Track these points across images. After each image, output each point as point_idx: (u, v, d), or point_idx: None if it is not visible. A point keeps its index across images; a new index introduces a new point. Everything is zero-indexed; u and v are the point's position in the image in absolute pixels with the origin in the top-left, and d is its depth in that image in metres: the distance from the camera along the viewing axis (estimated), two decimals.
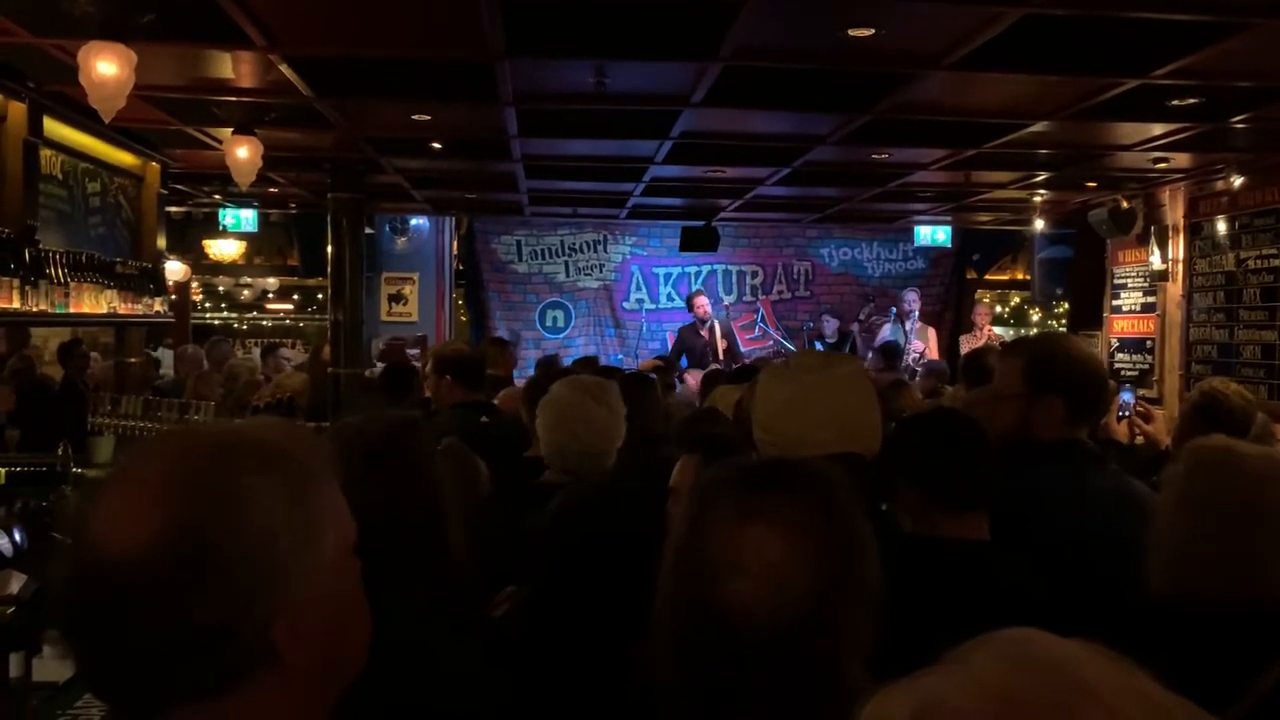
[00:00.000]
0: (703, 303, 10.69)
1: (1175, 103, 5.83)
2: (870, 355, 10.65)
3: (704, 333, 10.38)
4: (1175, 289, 8.86)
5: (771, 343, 11.60)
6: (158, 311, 6.87)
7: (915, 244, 12.27)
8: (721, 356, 10.11)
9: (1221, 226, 8.20)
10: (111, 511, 0.92)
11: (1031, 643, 0.63)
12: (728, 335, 10.57)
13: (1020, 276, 13.69)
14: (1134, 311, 9.53)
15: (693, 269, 12.99)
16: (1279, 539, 1.93)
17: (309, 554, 0.95)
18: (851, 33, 4.64)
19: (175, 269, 9.78)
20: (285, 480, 0.96)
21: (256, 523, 0.92)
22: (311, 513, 0.97)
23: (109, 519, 0.92)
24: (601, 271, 13.02)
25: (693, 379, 8.79)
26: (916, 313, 11.13)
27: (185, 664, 0.90)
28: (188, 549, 0.89)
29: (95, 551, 0.90)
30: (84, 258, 5.74)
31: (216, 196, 10.06)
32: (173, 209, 9.77)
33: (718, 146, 7.30)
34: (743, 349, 11.52)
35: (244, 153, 6.33)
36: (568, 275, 12.99)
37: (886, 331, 10.90)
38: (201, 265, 12.02)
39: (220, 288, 13.73)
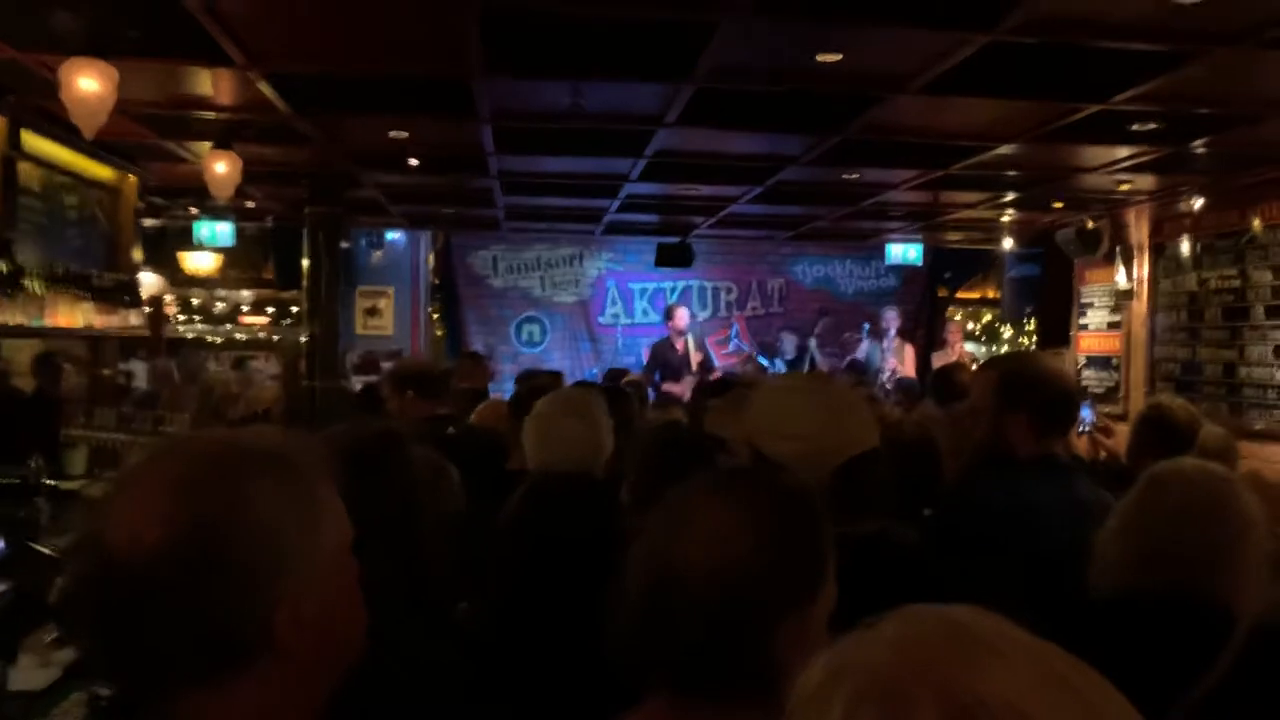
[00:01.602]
0: (682, 314, 10.75)
1: (1137, 127, 5.98)
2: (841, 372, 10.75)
3: (679, 345, 10.45)
4: (1140, 307, 9.03)
5: (744, 356, 11.68)
6: (133, 324, 6.89)
7: (887, 262, 12.41)
8: (695, 369, 10.18)
9: (1184, 247, 8.38)
10: (126, 514, 0.99)
11: (928, 607, 0.72)
12: (702, 348, 10.64)
13: (991, 294, 13.87)
14: (1100, 329, 9.69)
15: (668, 284, 13.07)
16: (1208, 538, 2.03)
17: (309, 548, 1.03)
18: (820, 58, 4.76)
19: (150, 282, 9.75)
20: (286, 481, 1.04)
21: (262, 520, 1.00)
22: (311, 511, 1.05)
23: (123, 522, 0.99)
24: (577, 286, 13.09)
25: (679, 388, 8.91)
26: (894, 330, 11.23)
27: (196, 653, 0.98)
28: (200, 547, 0.97)
29: (112, 553, 0.97)
30: (61, 270, 5.76)
31: (193, 210, 10.06)
32: (148, 222, 9.76)
33: (692, 165, 7.40)
34: (718, 363, 11.60)
35: (222, 168, 6.37)
36: (544, 290, 13.05)
37: (864, 348, 11.00)
38: (177, 279, 11.99)
39: (195, 300, 13.67)
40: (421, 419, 4.50)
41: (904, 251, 12.04)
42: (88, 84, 4.39)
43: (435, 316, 13.61)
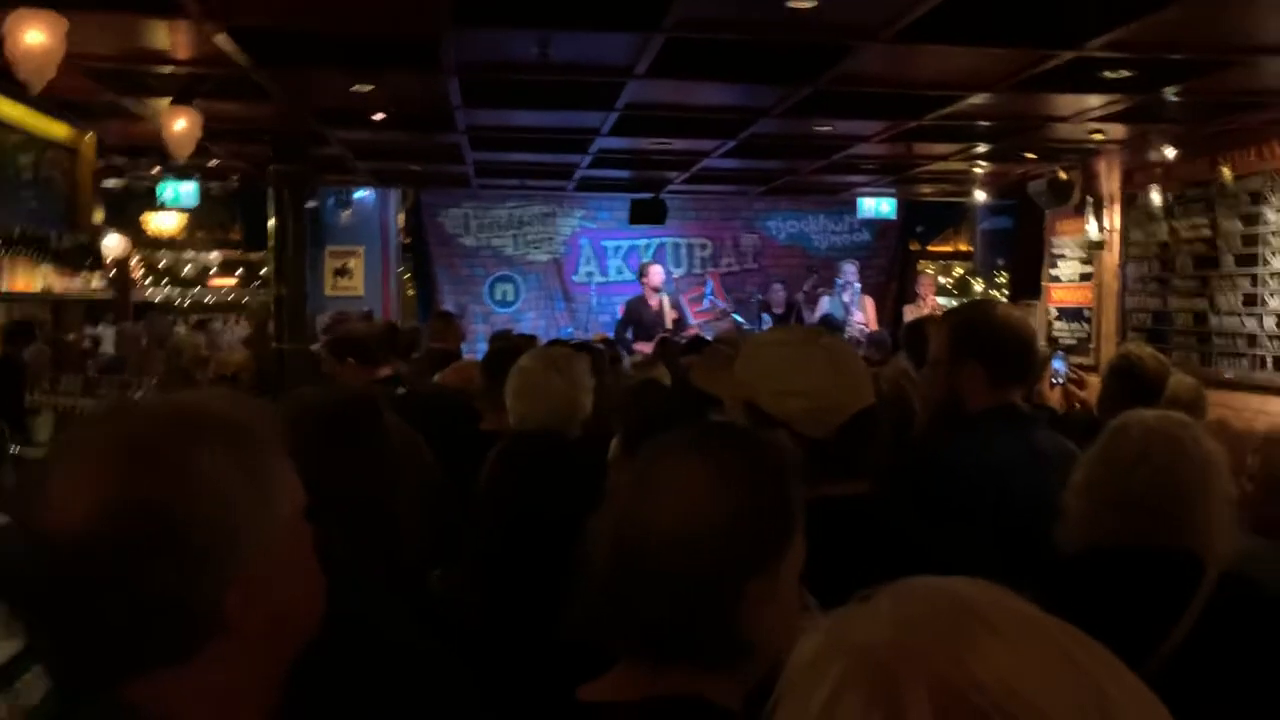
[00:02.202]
0: (657, 271, 10.71)
1: (1109, 74, 5.94)
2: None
3: (654, 303, 10.41)
4: (1111, 258, 9.05)
5: (719, 312, 11.65)
6: (95, 288, 6.76)
7: (859, 215, 12.38)
8: (670, 327, 10.15)
9: (1155, 197, 8.38)
10: (59, 487, 0.92)
11: (923, 581, 0.68)
12: (677, 306, 10.61)
13: (963, 247, 13.88)
14: (1072, 281, 9.72)
15: (642, 242, 12.99)
16: (1169, 484, 2.02)
17: (261, 523, 0.96)
18: (791, 4, 4.67)
19: (114, 243, 9.56)
20: (235, 450, 0.96)
21: (208, 493, 0.93)
22: (262, 482, 0.98)
23: (57, 495, 0.92)
24: (551, 244, 12.99)
25: (649, 347, 8.84)
26: (856, 284, 11.25)
27: (140, 636, 0.91)
28: (139, 522, 0.90)
29: (45, 527, 0.91)
30: (16, 232, 5.62)
31: (155, 169, 9.86)
32: (110, 182, 9.56)
33: (663, 118, 7.31)
34: (692, 320, 11.57)
35: (181, 124, 6.22)
36: (516, 248, 12.93)
37: (825, 304, 11.00)
38: (142, 240, 11.79)
39: (162, 263, 13.46)
40: (364, 384, 4.49)
41: (876, 205, 12.01)
42: (34, 36, 4.24)
43: (406, 276, 13.48)
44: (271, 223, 8.20)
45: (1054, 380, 5.83)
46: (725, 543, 1.27)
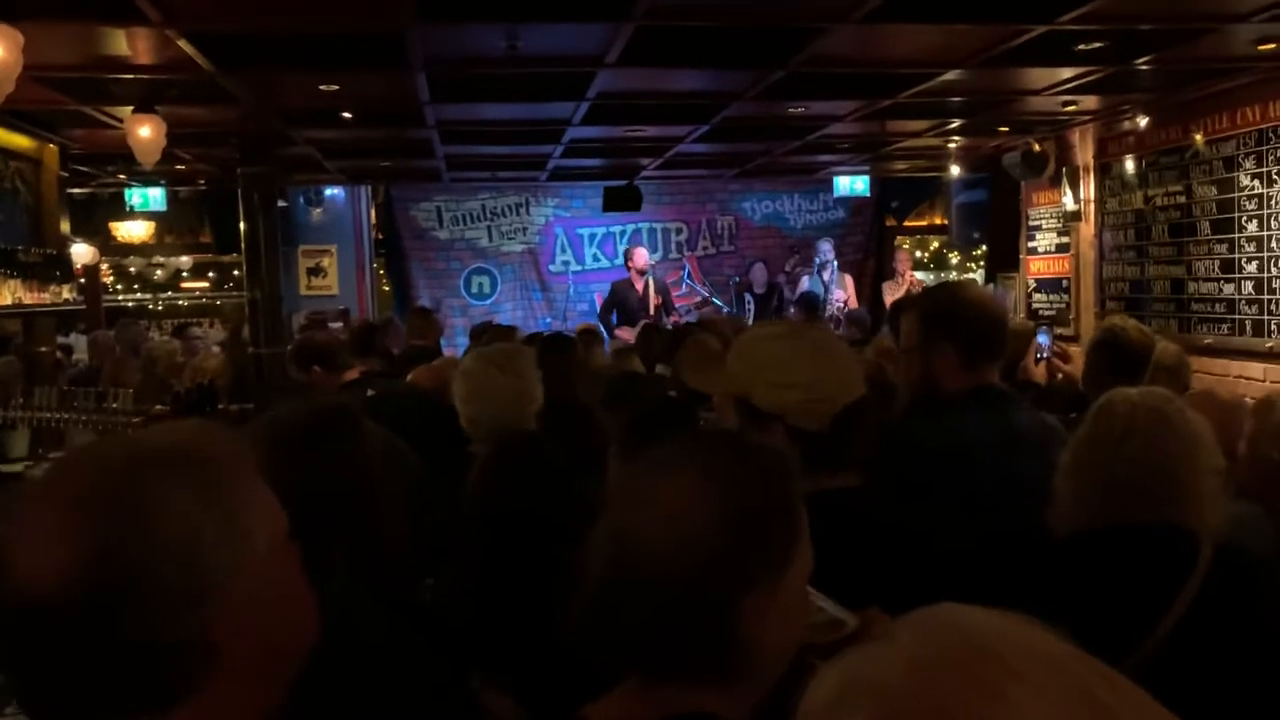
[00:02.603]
0: (642, 254, 10.68)
1: (1082, 47, 5.93)
2: (792, 309, 10.76)
3: (639, 286, 10.38)
4: (1087, 229, 9.08)
5: (699, 299, 11.63)
6: (66, 299, 6.66)
7: (835, 194, 12.36)
8: (653, 312, 10.12)
9: (1130, 166, 8.40)
10: (26, 541, 0.90)
11: (949, 613, 0.66)
12: (662, 291, 10.58)
13: (939, 221, 13.90)
14: (1049, 252, 9.74)
15: (617, 228, 12.93)
16: (1157, 461, 2.01)
17: (237, 553, 0.94)
18: None
19: (82, 252, 9.43)
20: (198, 484, 0.95)
21: (174, 532, 0.91)
22: (232, 512, 0.96)
23: (24, 549, 0.90)
24: (525, 235, 12.90)
25: (626, 335, 8.80)
26: (834, 262, 11.26)
27: (125, 684, 0.89)
28: (107, 570, 0.88)
29: (14, 583, 0.89)
30: None
31: (121, 176, 9.72)
32: (76, 190, 9.42)
33: (635, 106, 7.25)
34: (677, 307, 11.55)
35: (146, 132, 6.12)
36: (491, 240, 12.84)
37: (805, 283, 11.01)
38: (110, 246, 11.65)
39: (132, 269, 13.32)
40: (333, 390, 4.47)
41: (851, 183, 12.00)
42: None
43: (381, 273, 13.38)
44: (242, 225, 8.09)
45: (1039, 355, 5.84)
46: (721, 555, 1.24)
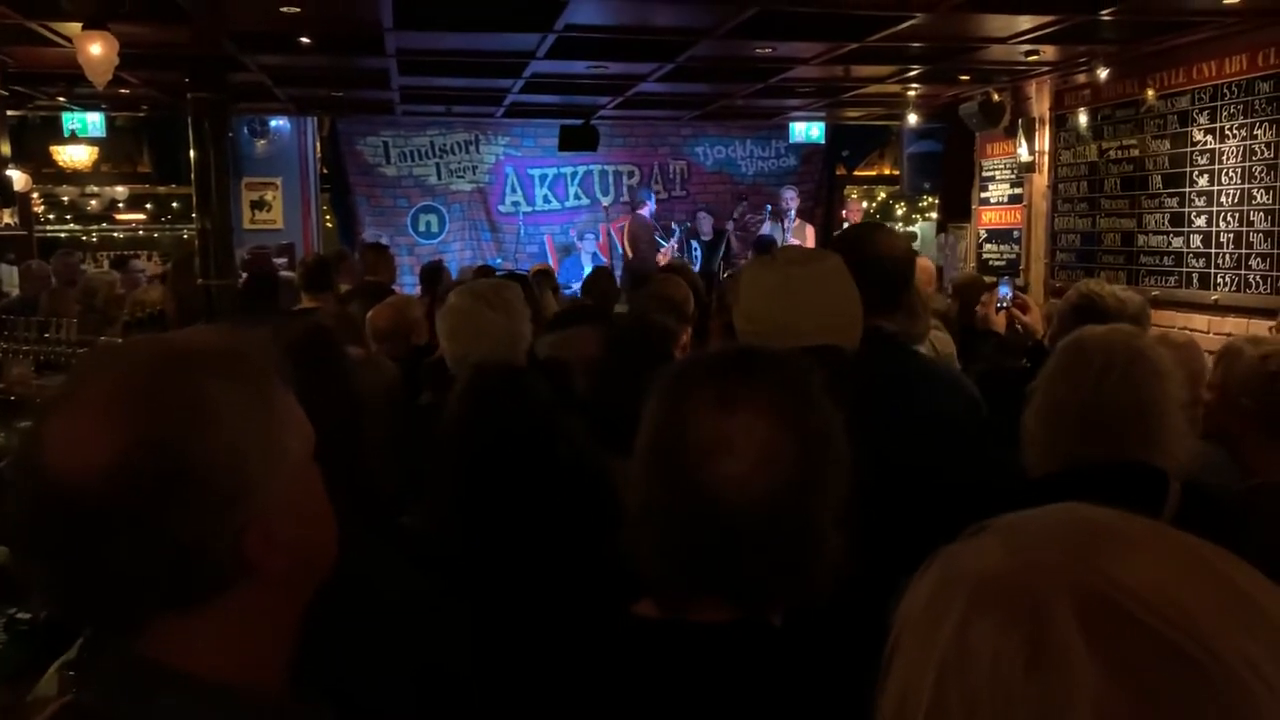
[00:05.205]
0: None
1: None
2: (750, 254, 10.79)
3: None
4: (1041, 180, 9.19)
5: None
6: (7, 224, 6.40)
7: (790, 140, 12.35)
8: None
9: (1084, 118, 8.50)
10: (66, 434, 0.88)
11: (1032, 512, 0.65)
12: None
13: (888, 171, 13.97)
14: (1001, 203, 9.85)
15: (569, 169, 12.79)
16: (1135, 396, 2.05)
17: (277, 460, 0.93)
18: None
19: (15, 178, 9.06)
20: (248, 385, 0.93)
21: (225, 432, 0.89)
22: (276, 417, 0.95)
23: (65, 442, 0.87)
24: (475, 174, 12.69)
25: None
26: (794, 211, 11.29)
27: (162, 580, 0.88)
28: (157, 465, 0.86)
29: (54, 477, 0.86)
30: None
31: (60, 99, 9.32)
32: (9, 113, 9.01)
33: (601, 41, 7.13)
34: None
35: (98, 49, 5.85)
36: (440, 178, 12.61)
37: (765, 229, 11.03)
38: (43, 174, 11.19)
39: (65, 198, 12.82)
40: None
41: (806, 129, 12.00)
42: None
43: (326, 209, 13.08)
44: (192, 154, 7.83)
45: (1000, 305, 5.93)
46: (810, 483, 1.25)
